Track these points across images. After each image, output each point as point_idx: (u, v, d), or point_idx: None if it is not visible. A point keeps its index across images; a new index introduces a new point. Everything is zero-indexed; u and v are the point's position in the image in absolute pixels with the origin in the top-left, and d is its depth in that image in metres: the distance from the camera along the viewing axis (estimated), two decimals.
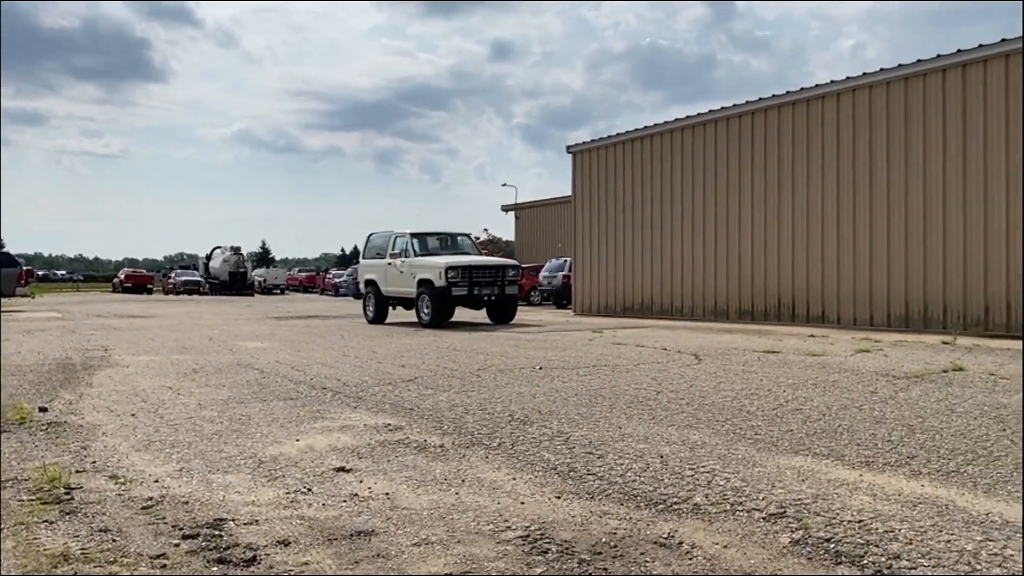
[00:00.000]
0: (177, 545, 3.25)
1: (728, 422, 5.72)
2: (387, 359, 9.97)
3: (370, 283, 18.50)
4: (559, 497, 3.91)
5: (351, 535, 3.37)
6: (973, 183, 12.37)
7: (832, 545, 3.23)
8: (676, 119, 18.05)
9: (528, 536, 3.35)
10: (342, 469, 4.46)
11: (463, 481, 4.21)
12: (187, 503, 3.83)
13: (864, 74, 13.80)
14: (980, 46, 12.08)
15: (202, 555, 3.14)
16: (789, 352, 10.00)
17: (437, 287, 16.10)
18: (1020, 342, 10.92)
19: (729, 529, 3.45)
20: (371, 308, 18.40)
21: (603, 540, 3.30)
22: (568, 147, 21.83)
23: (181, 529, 3.43)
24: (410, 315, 18.46)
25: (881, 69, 13.50)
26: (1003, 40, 11.89)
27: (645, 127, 18.93)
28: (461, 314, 18.98)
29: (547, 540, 3.31)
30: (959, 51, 12.36)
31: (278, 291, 56.06)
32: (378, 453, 4.85)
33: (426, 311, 16.43)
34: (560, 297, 25.95)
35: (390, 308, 18.44)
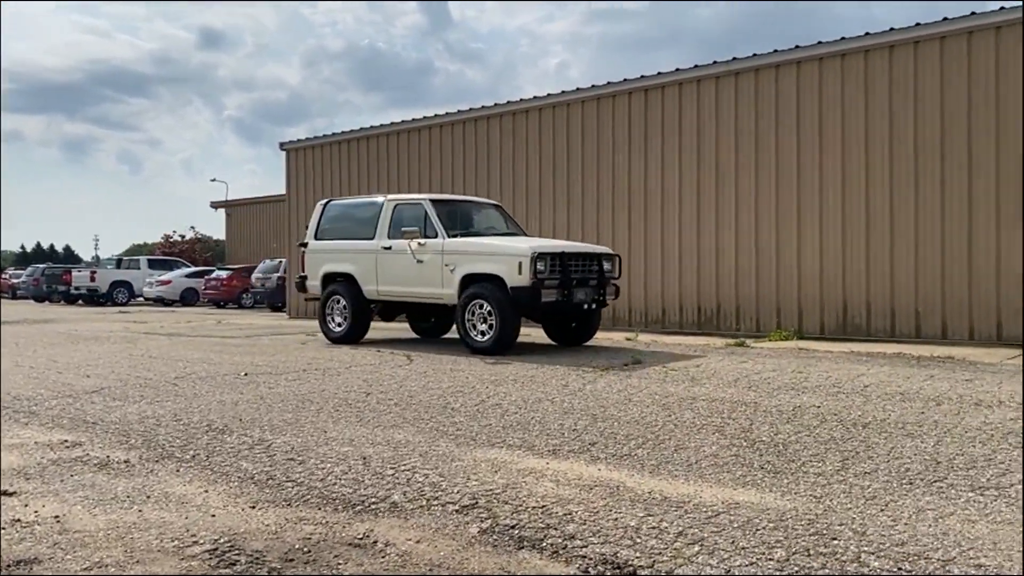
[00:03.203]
0: None
1: (433, 420, 5.88)
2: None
3: (339, 280, 11.92)
4: (254, 507, 3.79)
5: (8, 565, 3.02)
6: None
7: (516, 531, 3.44)
8: (393, 122, 18.24)
9: (216, 550, 3.21)
10: (4, 493, 3.98)
11: (148, 497, 3.93)
12: None
13: (563, 91, 14.89)
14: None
15: None
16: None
17: (516, 288, 9.77)
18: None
19: (423, 524, 3.55)
20: (340, 317, 11.79)
21: (296, 546, 3.25)
22: (282, 144, 21.21)
23: None
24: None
25: (578, 88, 14.64)
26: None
27: (362, 128, 18.92)
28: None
29: (237, 552, 3.19)
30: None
31: None
32: (50, 472, 4.39)
33: (482, 327, 10.11)
34: (274, 300, 25.11)
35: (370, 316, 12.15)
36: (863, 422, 5.67)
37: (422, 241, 10.64)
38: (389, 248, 11.16)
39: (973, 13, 10.56)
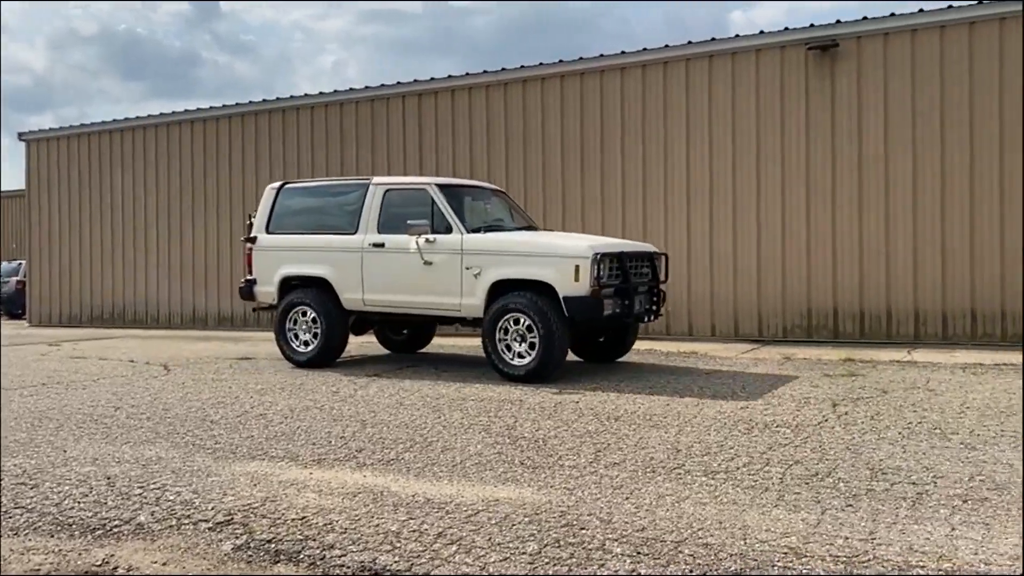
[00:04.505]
0: None
1: (189, 433, 5.57)
2: None
3: (305, 286, 9.29)
4: None
5: None
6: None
7: (273, 545, 3.35)
8: (151, 115, 17.05)
9: None
10: None
11: None
12: None
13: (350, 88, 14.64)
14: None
15: None
16: (262, 357, 10.12)
17: (571, 298, 7.67)
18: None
19: (172, 545, 3.35)
20: (308, 334, 9.13)
21: None
22: (21, 134, 19.17)
23: None
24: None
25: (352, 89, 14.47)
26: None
27: (115, 120, 17.52)
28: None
29: None
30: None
31: None
32: None
33: (519, 348, 7.89)
34: (13, 306, 22.62)
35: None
36: (616, 415, 6.05)
37: (431, 237, 8.34)
38: (381, 246, 8.71)
39: (761, 31, 11.61)
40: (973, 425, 5.50)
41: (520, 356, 7.86)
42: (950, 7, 10.06)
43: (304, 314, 9.12)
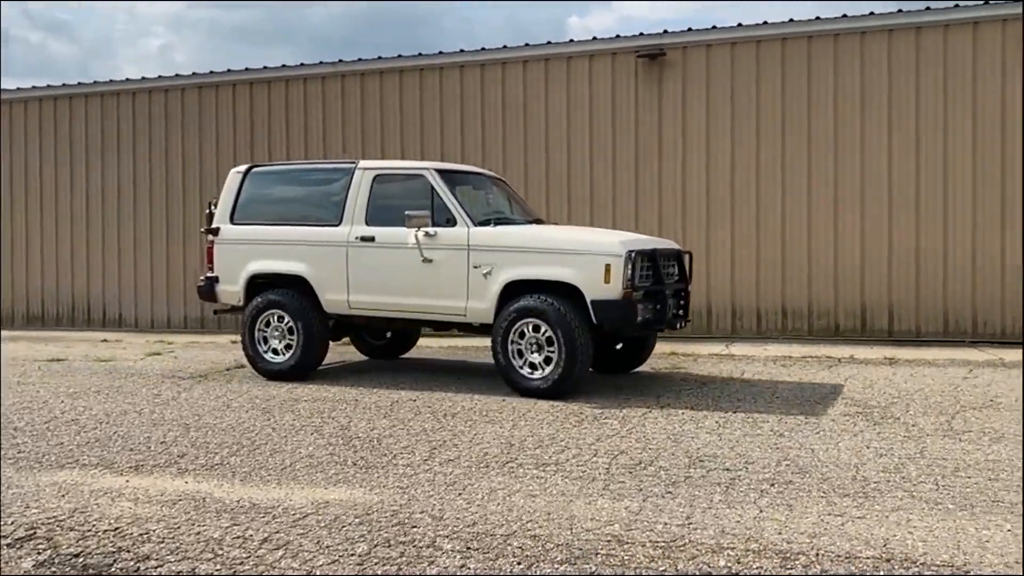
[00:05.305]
0: None
1: None
2: None
3: (277, 285, 8.06)
4: None
5: None
6: None
7: (81, 559, 3.13)
8: None
9: None
10: None
11: None
12: None
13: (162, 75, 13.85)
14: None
15: None
16: (77, 359, 9.44)
17: (600, 302, 6.69)
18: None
19: None
20: (282, 341, 7.88)
21: None
22: None
23: None
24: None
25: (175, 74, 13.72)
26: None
27: None
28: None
29: None
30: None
31: None
32: None
33: (535, 359, 6.83)
34: None
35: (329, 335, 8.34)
36: (452, 412, 6.08)
37: (432, 231, 7.30)
38: (370, 239, 7.60)
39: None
40: (781, 414, 5.92)
41: (535, 367, 6.81)
42: (765, 23, 10.78)
43: (278, 319, 7.87)
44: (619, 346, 7.96)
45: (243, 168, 8.54)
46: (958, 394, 6.58)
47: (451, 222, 7.30)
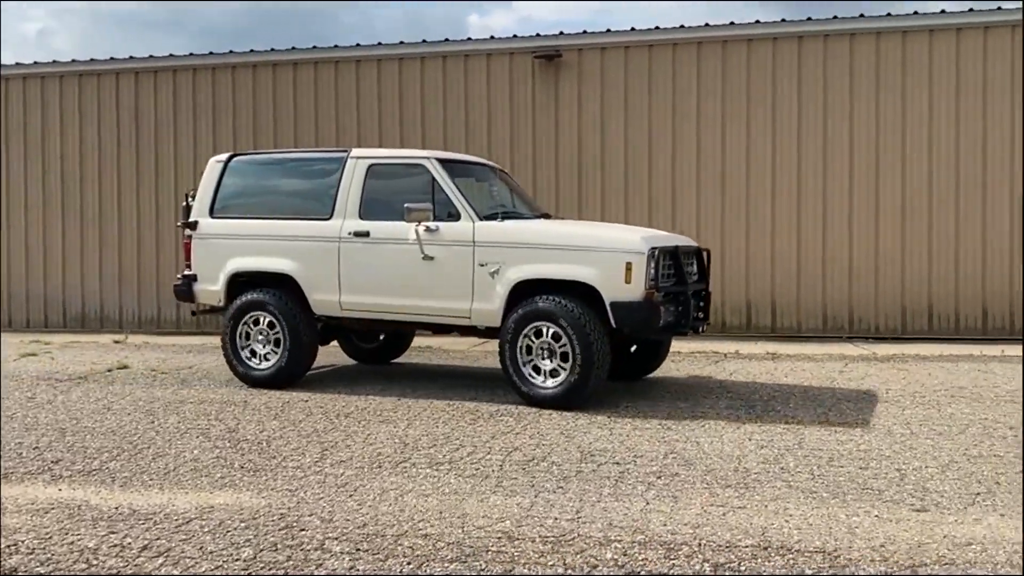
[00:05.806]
0: None
1: None
2: None
3: (261, 285, 7.37)
4: None
5: None
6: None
7: None
8: None
9: None
10: None
11: None
12: None
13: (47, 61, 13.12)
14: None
15: None
16: None
17: (620, 304, 6.19)
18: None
19: None
20: (266, 346, 7.22)
21: None
22: None
23: None
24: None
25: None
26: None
27: None
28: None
29: None
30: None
31: None
32: None
33: (547, 366, 6.31)
34: None
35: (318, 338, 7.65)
36: (346, 412, 6.00)
37: (433, 225, 6.71)
38: (364, 235, 7.02)
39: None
40: (669, 407, 6.10)
41: (546, 375, 6.31)
42: (657, 28, 11.08)
43: (265, 322, 7.22)
44: (633, 349, 7.40)
45: (223, 157, 7.87)
46: (835, 387, 6.94)
47: (454, 216, 6.73)
